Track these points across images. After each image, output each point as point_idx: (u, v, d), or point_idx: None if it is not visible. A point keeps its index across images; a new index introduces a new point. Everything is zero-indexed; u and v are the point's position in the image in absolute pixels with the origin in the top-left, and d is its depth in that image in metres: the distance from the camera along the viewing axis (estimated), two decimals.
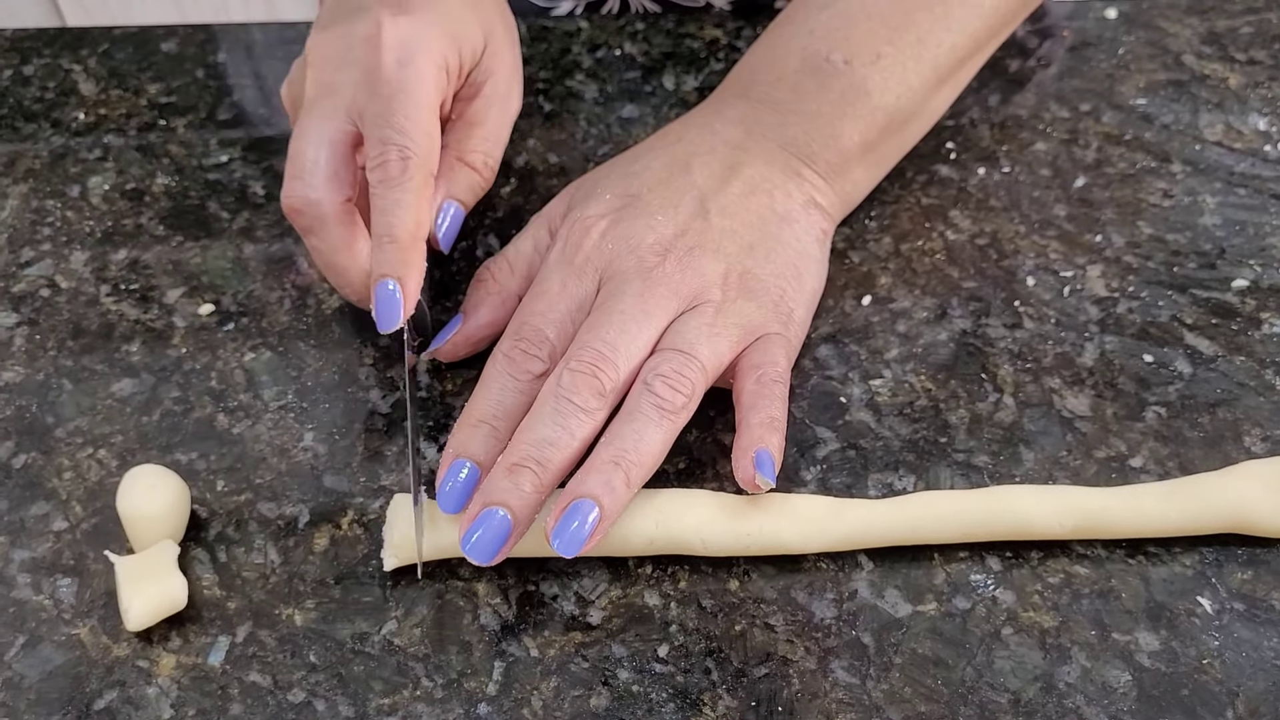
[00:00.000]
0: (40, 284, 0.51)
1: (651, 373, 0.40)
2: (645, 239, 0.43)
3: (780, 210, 0.46)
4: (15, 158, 0.57)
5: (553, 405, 0.39)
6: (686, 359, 0.41)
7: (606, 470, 0.38)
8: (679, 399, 0.40)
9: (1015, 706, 0.37)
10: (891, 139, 0.50)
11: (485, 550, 0.38)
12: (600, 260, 0.44)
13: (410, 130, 0.42)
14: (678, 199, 0.45)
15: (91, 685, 0.39)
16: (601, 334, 0.41)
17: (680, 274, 0.43)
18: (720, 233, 0.44)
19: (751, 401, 0.41)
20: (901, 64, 0.48)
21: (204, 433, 0.45)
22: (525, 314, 0.43)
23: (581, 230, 0.45)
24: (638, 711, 0.38)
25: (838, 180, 0.48)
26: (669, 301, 0.42)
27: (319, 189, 0.43)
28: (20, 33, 0.64)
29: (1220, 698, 0.37)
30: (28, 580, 0.41)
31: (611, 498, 0.38)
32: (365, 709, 0.38)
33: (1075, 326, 0.48)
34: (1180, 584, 0.40)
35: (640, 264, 0.43)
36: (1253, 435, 0.44)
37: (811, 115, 0.47)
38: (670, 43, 0.61)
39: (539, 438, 0.39)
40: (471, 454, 0.40)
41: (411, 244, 0.42)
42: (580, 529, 0.38)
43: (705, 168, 0.46)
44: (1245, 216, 0.52)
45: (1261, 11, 0.61)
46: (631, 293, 0.42)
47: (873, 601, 0.40)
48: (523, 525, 0.38)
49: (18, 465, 0.45)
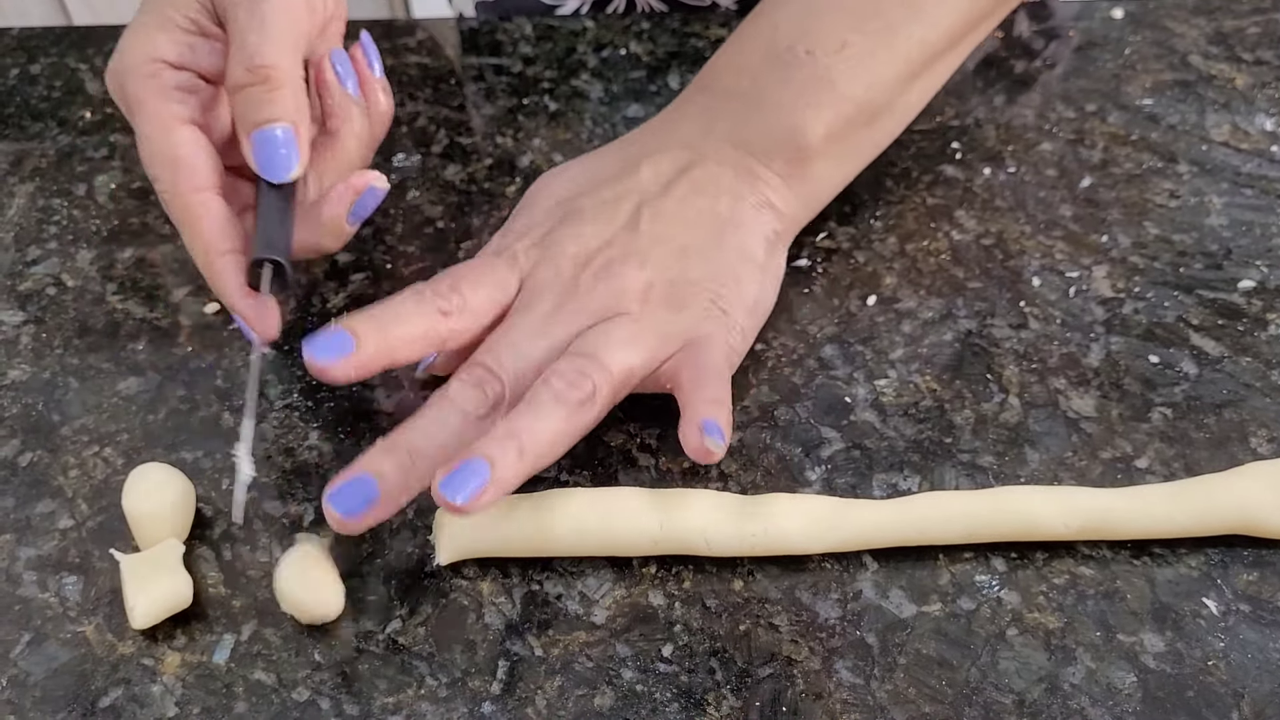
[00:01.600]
0: (46, 282, 0.51)
1: (551, 372, 0.40)
2: (567, 249, 0.44)
3: (725, 213, 0.45)
4: (22, 156, 0.57)
5: (435, 404, 0.40)
6: (587, 360, 0.40)
7: (501, 438, 0.38)
8: (575, 393, 0.40)
9: (1020, 707, 0.37)
10: (860, 132, 0.48)
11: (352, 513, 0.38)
12: (526, 263, 0.44)
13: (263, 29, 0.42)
14: (615, 205, 0.45)
15: (96, 683, 0.39)
16: (506, 341, 0.42)
17: (593, 288, 0.43)
18: (651, 240, 0.44)
19: (692, 386, 0.41)
20: (870, 52, 0.47)
21: (209, 431, 0.45)
22: (447, 275, 0.43)
23: (516, 234, 0.45)
24: (642, 711, 0.38)
25: (798, 180, 0.47)
26: (575, 319, 0.42)
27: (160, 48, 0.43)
28: (27, 32, 0.64)
29: (1226, 699, 0.37)
30: (33, 578, 0.41)
31: (504, 462, 0.38)
32: (370, 708, 0.38)
33: (1081, 327, 0.48)
34: (1186, 585, 0.40)
35: (557, 275, 0.43)
36: (1259, 436, 0.44)
37: (772, 106, 0.46)
38: (676, 42, 0.61)
39: (416, 424, 0.40)
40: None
41: (285, 82, 0.42)
42: (467, 483, 0.37)
43: (653, 168, 0.46)
44: (1252, 217, 0.52)
45: (1269, 12, 0.61)
46: (547, 301, 0.43)
47: (877, 602, 0.40)
48: (391, 497, 0.39)
49: (24, 463, 0.45)
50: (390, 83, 0.48)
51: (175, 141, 0.42)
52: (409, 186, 0.55)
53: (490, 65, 0.61)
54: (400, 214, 0.54)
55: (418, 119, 0.58)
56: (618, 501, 0.41)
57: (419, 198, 0.55)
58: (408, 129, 0.58)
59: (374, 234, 0.53)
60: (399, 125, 0.58)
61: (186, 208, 0.42)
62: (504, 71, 0.61)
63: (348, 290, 0.50)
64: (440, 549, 0.41)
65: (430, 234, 0.53)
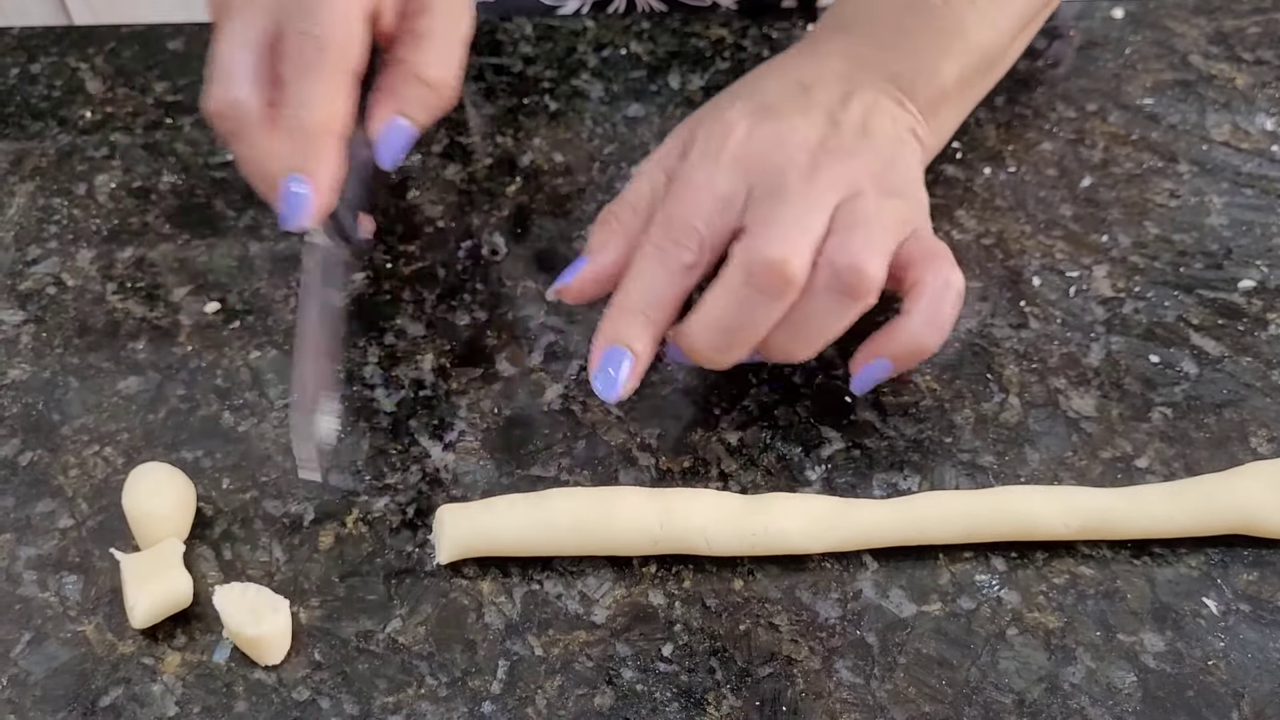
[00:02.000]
0: (47, 282, 0.51)
1: (839, 250, 0.40)
2: (791, 138, 0.43)
3: (894, 133, 0.46)
4: (22, 156, 0.57)
5: (738, 294, 0.40)
6: (867, 231, 0.41)
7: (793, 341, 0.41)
8: (867, 283, 0.40)
9: (1020, 707, 0.37)
10: (980, 80, 0.51)
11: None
12: (747, 158, 0.43)
13: (327, 22, 0.41)
14: (808, 113, 0.44)
15: (97, 682, 0.39)
16: (778, 224, 0.40)
17: (832, 169, 0.42)
18: (853, 140, 0.44)
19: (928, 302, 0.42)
20: (995, 5, 0.49)
21: (209, 430, 0.45)
22: (670, 207, 0.42)
23: (723, 130, 0.44)
24: (642, 711, 0.38)
25: (933, 118, 0.48)
26: (832, 189, 0.42)
27: (242, 90, 0.42)
28: (27, 31, 0.64)
29: (1225, 699, 0.37)
30: (34, 577, 0.41)
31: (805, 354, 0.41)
32: (370, 707, 0.38)
33: (1081, 327, 0.48)
34: (1186, 585, 0.40)
35: (791, 160, 0.42)
36: (1259, 436, 0.44)
37: (912, 52, 0.48)
38: (676, 42, 0.61)
39: (712, 320, 0.40)
40: (625, 341, 0.41)
41: (322, 134, 0.41)
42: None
43: (822, 89, 0.46)
44: (1252, 217, 0.51)
45: (1269, 11, 0.61)
46: (794, 182, 0.41)
47: (877, 601, 0.40)
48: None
49: (24, 463, 0.45)
50: None
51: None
52: (409, 186, 0.55)
53: (490, 65, 0.61)
54: (401, 213, 0.54)
55: None
56: (618, 500, 0.41)
57: (419, 197, 0.55)
58: None
59: (375, 232, 0.53)
60: None
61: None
62: (504, 71, 0.60)
63: (348, 289, 0.50)
64: (440, 548, 0.41)
65: (431, 233, 0.53)
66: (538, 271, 0.51)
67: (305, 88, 0.41)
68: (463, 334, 0.49)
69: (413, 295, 0.50)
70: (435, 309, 0.50)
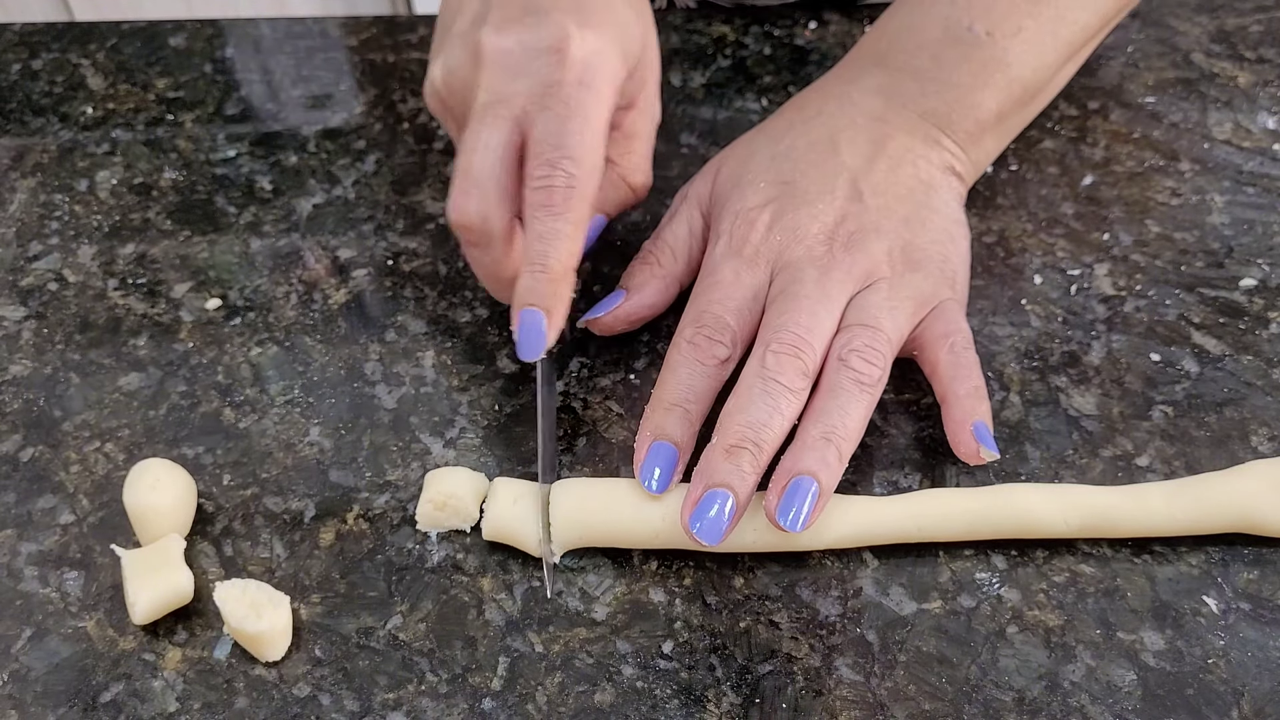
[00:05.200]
0: (48, 278, 0.51)
1: (845, 349, 0.41)
2: (810, 229, 0.44)
3: (925, 179, 0.46)
4: (23, 152, 0.57)
5: (760, 388, 0.40)
6: (874, 333, 0.42)
7: (819, 447, 0.39)
8: (874, 371, 0.41)
9: (1020, 705, 0.37)
10: (1022, 111, 0.51)
11: (714, 531, 0.39)
12: (770, 252, 0.44)
13: (581, 157, 0.41)
14: (831, 183, 0.45)
15: (98, 678, 0.39)
16: (793, 317, 0.41)
17: (849, 257, 0.43)
18: (877, 212, 0.45)
19: (952, 371, 0.43)
20: (1040, 38, 0.49)
21: (210, 427, 0.46)
22: (703, 303, 0.43)
23: (746, 224, 0.45)
24: (642, 708, 0.38)
25: (973, 148, 0.49)
26: (845, 284, 0.43)
27: (493, 205, 0.42)
28: (29, 27, 0.64)
29: (1225, 697, 0.37)
30: (35, 573, 0.41)
31: (827, 472, 0.39)
32: (370, 703, 0.38)
33: (1082, 325, 0.48)
34: (1186, 583, 0.40)
35: (809, 253, 0.43)
36: (1259, 435, 0.44)
37: (952, 85, 0.48)
38: (678, 39, 0.61)
39: (752, 419, 0.40)
40: (670, 436, 0.41)
41: (563, 275, 0.41)
42: (802, 505, 0.39)
43: (851, 145, 0.46)
44: (1254, 215, 0.51)
45: (1271, 10, 0.61)
46: (809, 279, 0.43)
47: (878, 599, 0.40)
48: (744, 505, 0.39)
49: (25, 458, 0.45)
50: (391, 80, 0.48)
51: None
52: (410, 183, 0.55)
53: None
54: (402, 210, 0.54)
55: (419, 115, 0.58)
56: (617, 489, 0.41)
57: (421, 194, 0.55)
58: (409, 125, 0.58)
59: (375, 230, 0.53)
60: (400, 122, 0.58)
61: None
62: None
63: (348, 287, 0.51)
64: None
65: (432, 230, 0.53)
66: None
67: (553, 226, 0.41)
68: (464, 331, 0.49)
69: (414, 292, 0.50)
70: (436, 306, 0.50)
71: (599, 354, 0.48)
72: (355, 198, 0.54)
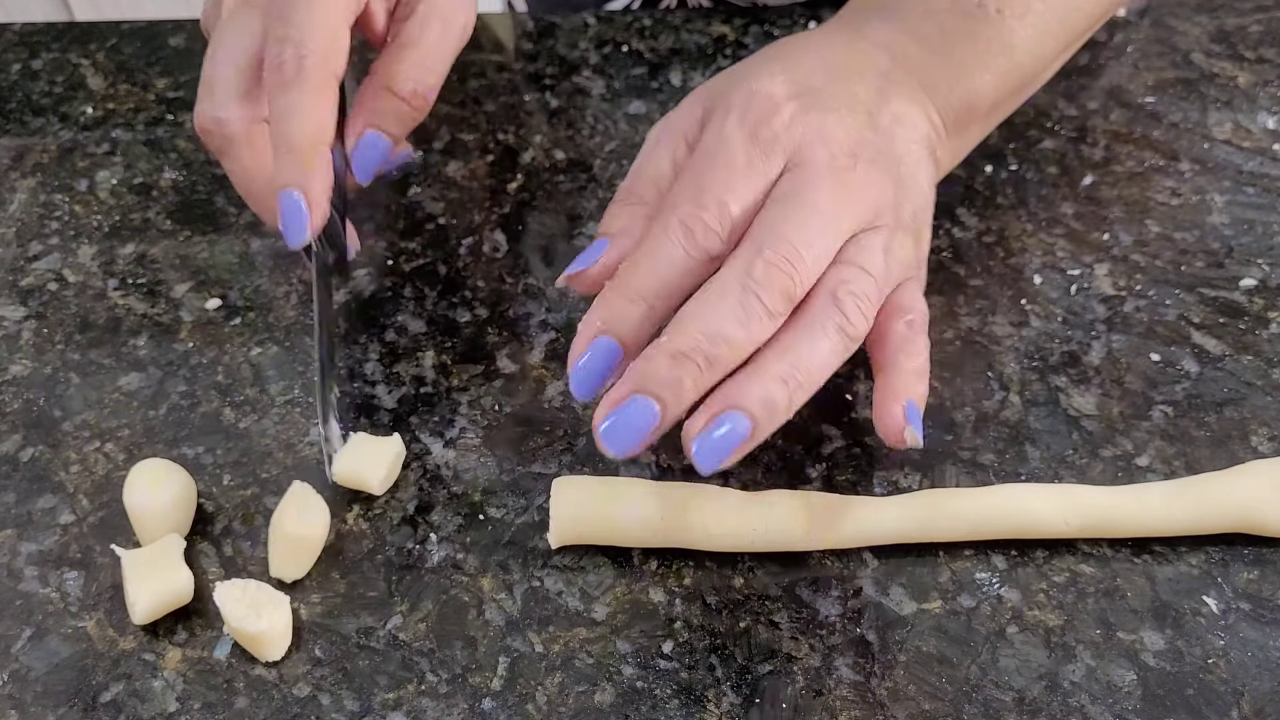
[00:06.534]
0: (48, 278, 0.51)
1: (842, 287, 0.37)
2: (836, 133, 0.39)
3: (915, 151, 0.43)
4: (23, 152, 0.57)
5: (738, 297, 0.36)
6: (871, 281, 0.38)
7: (772, 386, 0.35)
8: (862, 324, 0.37)
9: (1020, 705, 0.37)
10: (1012, 101, 0.48)
11: (623, 441, 0.35)
12: (790, 142, 0.39)
13: (308, 29, 0.40)
14: (852, 104, 0.41)
15: (98, 678, 0.39)
16: (797, 229, 0.37)
17: (866, 185, 0.39)
18: (888, 154, 0.41)
19: (900, 344, 0.39)
20: (1047, 23, 0.46)
21: (210, 427, 0.46)
22: (708, 180, 0.38)
23: (768, 105, 0.40)
24: (642, 708, 0.38)
25: (955, 135, 0.46)
26: (855, 213, 0.39)
27: (229, 108, 0.41)
28: (29, 27, 0.64)
29: (1225, 697, 0.37)
30: (35, 573, 0.41)
31: (770, 419, 0.35)
32: (370, 703, 0.38)
33: (1082, 325, 0.48)
34: (1186, 583, 0.40)
35: (832, 161, 0.39)
36: (1259, 435, 0.44)
37: (955, 63, 0.45)
38: (677, 39, 0.61)
39: (714, 330, 0.35)
40: (619, 333, 0.37)
41: (312, 150, 0.40)
42: (726, 442, 0.35)
43: (862, 81, 0.42)
44: (1254, 215, 0.51)
45: (1271, 10, 0.61)
46: (825, 189, 0.38)
47: (877, 599, 0.40)
48: (670, 422, 0.35)
49: (25, 458, 0.45)
50: None
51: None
52: (411, 182, 0.55)
53: (492, 61, 0.61)
54: (402, 210, 0.54)
55: None
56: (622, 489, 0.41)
57: (420, 194, 0.55)
58: None
59: (375, 230, 0.53)
60: None
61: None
62: (505, 68, 0.60)
63: (349, 286, 0.51)
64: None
65: (432, 230, 0.53)
66: (539, 268, 0.51)
67: (289, 100, 0.40)
68: (464, 331, 0.49)
69: (414, 292, 0.50)
70: (436, 306, 0.50)
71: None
72: (355, 198, 0.54)
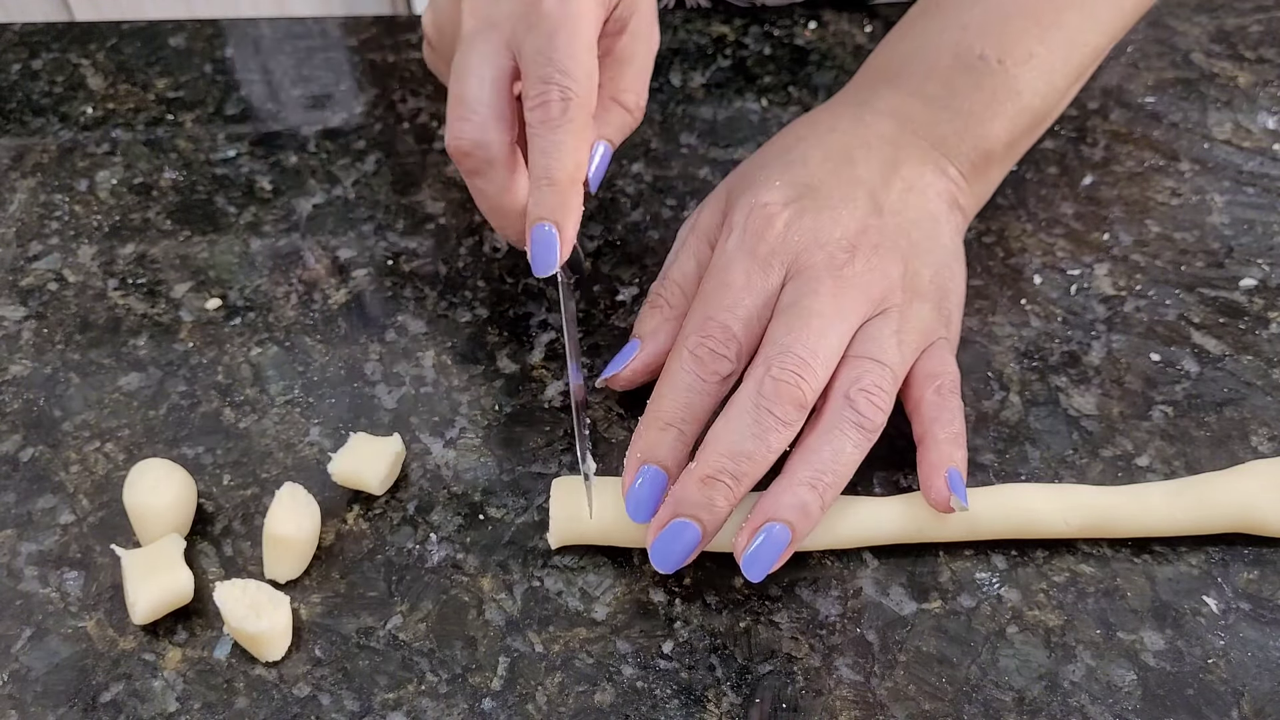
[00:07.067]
0: (48, 278, 0.51)
1: (853, 386, 0.39)
2: (833, 233, 0.42)
3: (932, 209, 0.45)
4: (23, 152, 0.57)
5: (752, 416, 0.38)
6: (883, 370, 0.40)
7: (802, 492, 0.38)
8: (878, 417, 0.39)
9: (1019, 705, 0.37)
10: (1027, 138, 0.49)
11: (671, 560, 0.39)
12: (787, 253, 0.42)
13: (572, 69, 0.40)
14: (851, 193, 0.43)
15: (98, 678, 0.39)
16: (801, 337, 0.39)
17: (868, 275, 0.41)
18: (895, 231, 0.43)
19: (934, 414, 0.41)
20: (1051, 65, 0.48)
21: (210, 427, 0.46)
22: (711, 307, 0.41)
23: (763, 219, 0.43)
24: (642, 707, 0.38)
25: (977, 181, 0.47)
26: (860, 305, 0.41)
27: (488, 130, 0.42)
28: (29, 27, 0.64)
29: (1225, 697, 0.37)
30: (35, 573, 0.41)
31: (805, 522, 0.38)
32: (370, 703, 0.38)
33: (1082, 325, 0.48)
34: (1186, 583, 0.40)
35: (830, 261, 0.41)
36: (1259, 435, 0.44)
37: (964, 114, 0.47)
38: (678, 39, 0.61)
39: (735, 450, 0.38)
40: (659, 459, 0.40)
41: (570, 186, 0.41)
42: (769, 552, 0.38)
43: (867, 162, 0.45)
44: (1254, 215, 0.51)
45: (1271, 10, 0.61)
46: (825, 292, 0.40)
47: (878, 599, 0.40)
48: (710, 537, 0.39)
49: (25, 459, 0.45)
50: (391, 80, 0.48)
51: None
52: (411, 182, 0.55)
53: None
54: (402, 210, 0.54)
55: (419, 115, 0.58)
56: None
57: (421, 194, 0.55)
58: (409, 125, 0.58)
59: (375, 230, 0.53)
60: (400, 121, 0.58)
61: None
62: None
63: (349, 286, 0.51)
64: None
65: (432, 229, 0.53)
66: None
67: (554, 139, 0.41)
68: (464, 331, 0.49)
69: (414, 292, 0.50)
70: (437, 306, 0.50)
71: (600, 354, 0.48)
72: (355, 198, 0.54)
